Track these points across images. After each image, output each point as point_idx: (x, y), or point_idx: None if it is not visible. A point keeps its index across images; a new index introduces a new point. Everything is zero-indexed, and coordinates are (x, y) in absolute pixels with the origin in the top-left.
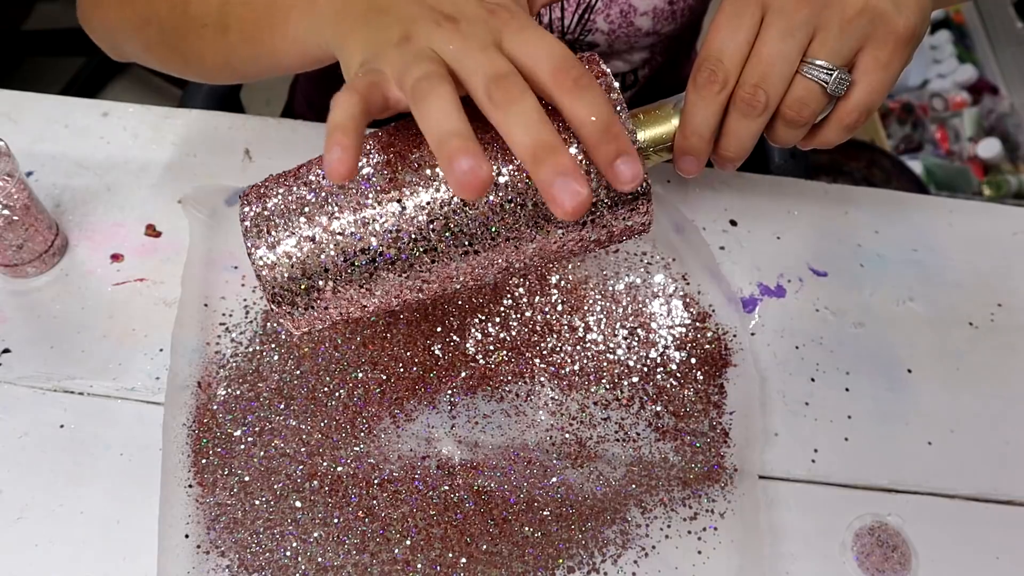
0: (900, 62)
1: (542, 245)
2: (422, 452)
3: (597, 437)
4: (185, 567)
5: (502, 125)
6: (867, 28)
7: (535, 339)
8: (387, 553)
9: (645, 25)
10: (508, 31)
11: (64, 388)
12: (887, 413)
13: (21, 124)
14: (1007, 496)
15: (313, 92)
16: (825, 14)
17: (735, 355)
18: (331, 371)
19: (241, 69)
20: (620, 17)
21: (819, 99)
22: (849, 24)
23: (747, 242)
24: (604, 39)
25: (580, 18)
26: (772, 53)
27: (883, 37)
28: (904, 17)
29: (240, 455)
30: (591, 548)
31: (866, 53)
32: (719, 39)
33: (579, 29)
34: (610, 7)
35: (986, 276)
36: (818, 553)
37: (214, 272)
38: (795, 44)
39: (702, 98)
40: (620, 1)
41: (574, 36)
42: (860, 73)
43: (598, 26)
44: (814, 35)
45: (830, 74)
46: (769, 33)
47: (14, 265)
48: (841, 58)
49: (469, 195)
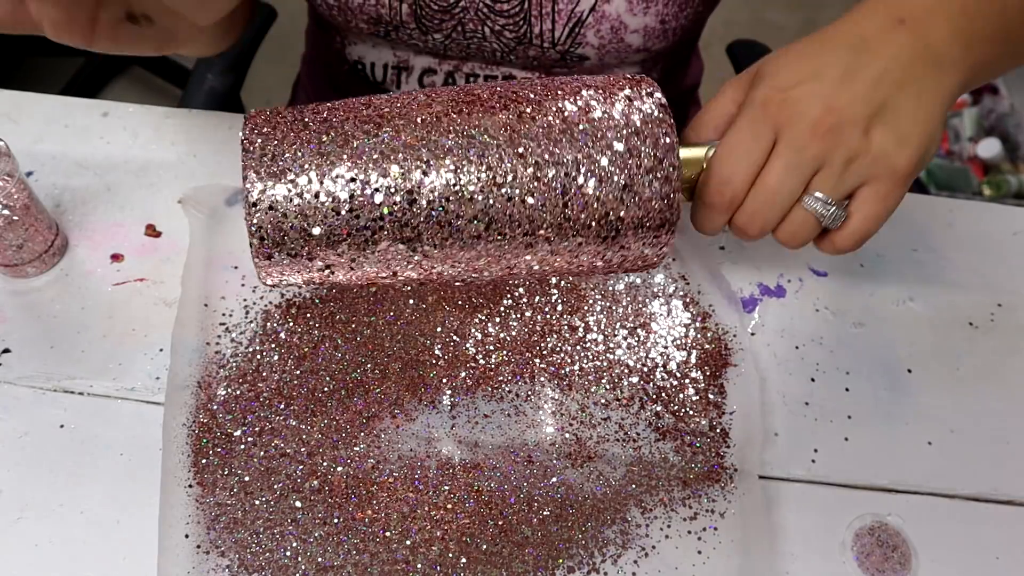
0: (898, 197)
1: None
2: (422, 452)
3: (597, 437)
4: (185, 567)
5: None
6: (870, 168)
7: (535, 339)
8: (387, 553)
9: (636, 42)
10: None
11: (64, 388)
12: (887, 413)
13: (21, 124)
14: (1007, 496)
15: (313, 92)
16: (833, 154)
17: (735, 355)
18: (331, 371)
19: None
20: (611, 33)
21: (813, 230)
22: (852, 163)
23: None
24: (595, 53)
25: (571, 31)
26: (776, 186)
27: (885, 176)
28: (906, 156)
29: (240, 455)
30: (591, 548)
31: (867, 187)
32: (731, 163)
33: (569, 42)
34: (601, 23)
35: (986, 276)
36: (818, 553)
37: (214, 272)
38: (799, 178)
39: (708, 214)
40: (611, 17)
41: (564, 48)
42: (858, 204)
43: (588, 40)
44: (819, 169)
45: (827, 208)
46: (776, 165)
47: (14, 265)
48: (840, 194)
49: None
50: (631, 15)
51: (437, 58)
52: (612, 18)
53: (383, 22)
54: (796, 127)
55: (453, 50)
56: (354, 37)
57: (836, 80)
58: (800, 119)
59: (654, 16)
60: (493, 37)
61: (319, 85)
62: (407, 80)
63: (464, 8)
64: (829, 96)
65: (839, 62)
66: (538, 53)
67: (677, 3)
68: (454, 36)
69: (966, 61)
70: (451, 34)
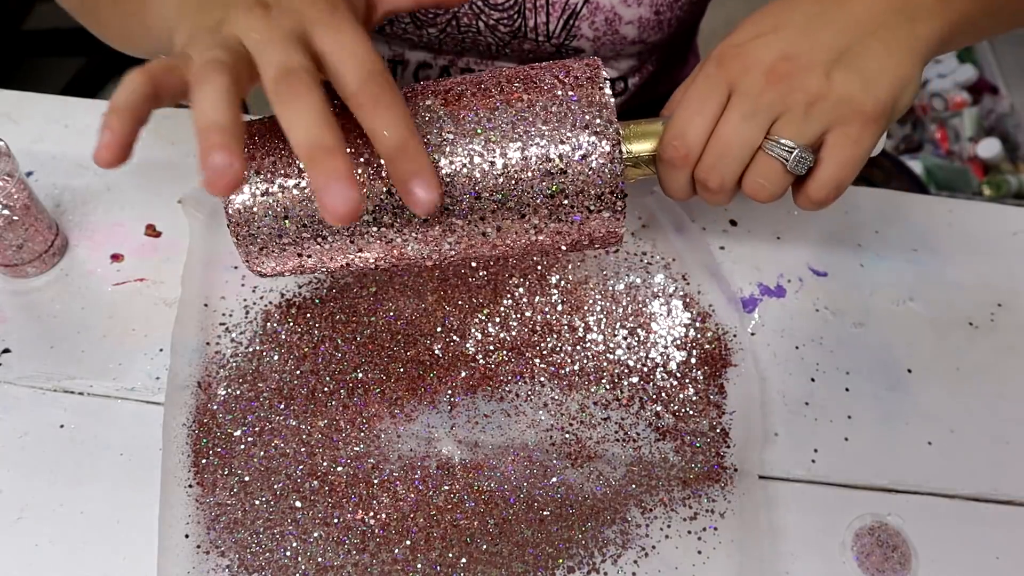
0: (871, 138)
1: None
2: (422, 452)
3: (597, 437)
4: (185, 567)
5: (283, 121)
6: (834, 111)
7: (535, 339)
8: (387, 553)
9: (631, 34)
10: (319, 26)
11: (64, 388)
12: (887, 413)
13: (21, 124)
14: (1007, 496)
15: None
16: (791, 98)
17: (735, 355)
18: (331, 371)
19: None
20: (605, 25)
21: (780, 178)
22: (814, 106)
23: (747, 242)
24: (590, 45)
25: (565, 23)
26: (731, 135)
27: (851, 117)
28: (872, 97)
29: (240, 455)
30: (591, 548)
31: (835, 132)
32: (684, 117)
33: (564, 34)
34: (595, 14)
35: (986, 276)
36: (818, 553)
37: (214, 272)
38: (756, 126)
39: (669, 171)
40: (605, 9)
41: (559, 41)
42: (828, 149)
43: (583, 32)
44: (779, 117)
45: (790, 151)
46: (731, 115)
47: (14, 265)
48: (805, 138)
49: (214, 191)
50: (625, 6)
51: (432, 53)
52: (606, 9)
53: None
54: (750, 75)
55: (448, 45)
56: None
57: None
58: (754, 67)
59: (648, 7)
60: (488, 31)
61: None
62: (403, 75)
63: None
64: (788, 45)
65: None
66: (533, 47)
67: None
68: (448, 31)
69: (943, 16)
70: (446, 28)
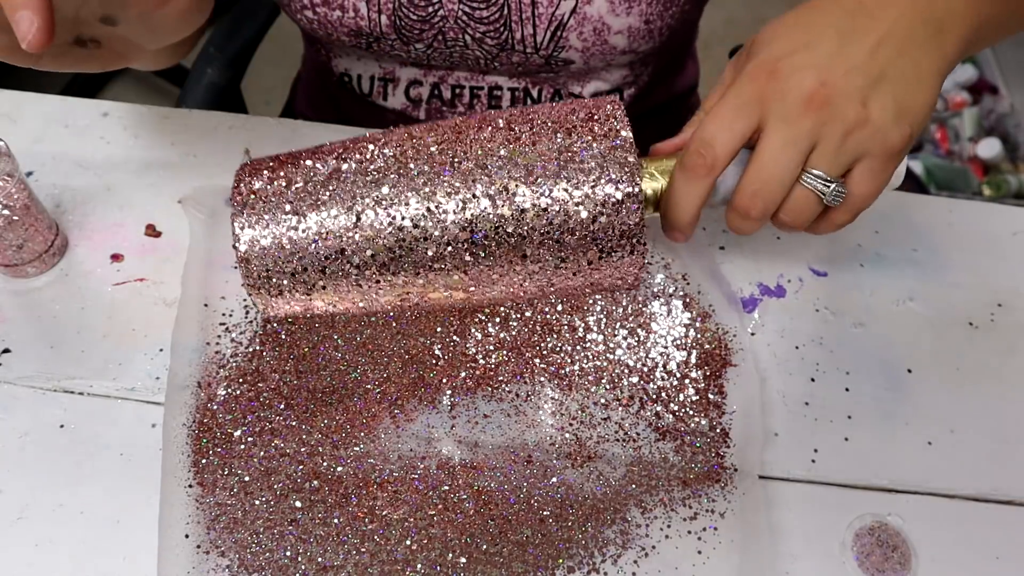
0: (891, 171)
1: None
2: (422, 452)
3: (597, 437)
4: (185, 567)
5: None
6: (866, 142)
7: (535, 339)
8: (387, 553)
9: (620, 44)
10: None
11: (64, 388)
12: (887, 413)
13: (21, 124)
14: (1007, 496)
15: (313, 92)
16: (828, 127)
17: (735, 355)
18: (331, 371)
19: None
20: (594, 35)
21: (815, 208)
22: (849, 137)
23: (747, 242)
24: (579, 56)
25: (553, 35)
26: (774, 162)
27: (879, 151)
28: (901, 130)
29: (240, 455)
30: (591, 548)
31: (860, 164)
32: (713, 129)
33: (552, 46)
34: (583, 25)
35: (986, 276)
36: (818, 553)
37: (214, 272)
38: (798, 153)
39: (687, 178)
40: (593, 19)
41: (548, 53)
42: (854, 183)
43: (572, 43)
44: (815, 146)
45: (828, 185)
46: (771, 141)
47: (14, 265)
48: (837, 170)
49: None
50: (614, 16)
51: (422, 69)
52: (594, 19)
53: (363, 34)
54: (787, 100)
55: (437, 60)
56: (338, 50)
57: (831, 49)
58: (791, 92)
59: (637, 16)
60: (475, 45)
61: (315, 91)
62: (394, 92)
63: (443, 17)
64: (823, 67)
65: (834, 29)
66: (522, 59)
67: (661, 2)
68: (435, 46)
69: (968, 20)
70: (432, 43)
